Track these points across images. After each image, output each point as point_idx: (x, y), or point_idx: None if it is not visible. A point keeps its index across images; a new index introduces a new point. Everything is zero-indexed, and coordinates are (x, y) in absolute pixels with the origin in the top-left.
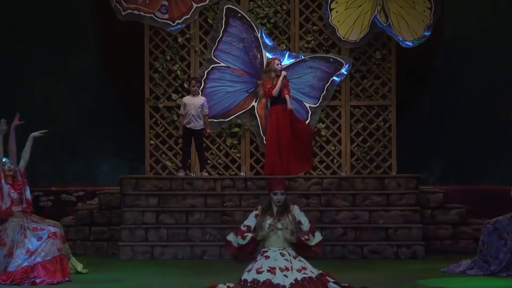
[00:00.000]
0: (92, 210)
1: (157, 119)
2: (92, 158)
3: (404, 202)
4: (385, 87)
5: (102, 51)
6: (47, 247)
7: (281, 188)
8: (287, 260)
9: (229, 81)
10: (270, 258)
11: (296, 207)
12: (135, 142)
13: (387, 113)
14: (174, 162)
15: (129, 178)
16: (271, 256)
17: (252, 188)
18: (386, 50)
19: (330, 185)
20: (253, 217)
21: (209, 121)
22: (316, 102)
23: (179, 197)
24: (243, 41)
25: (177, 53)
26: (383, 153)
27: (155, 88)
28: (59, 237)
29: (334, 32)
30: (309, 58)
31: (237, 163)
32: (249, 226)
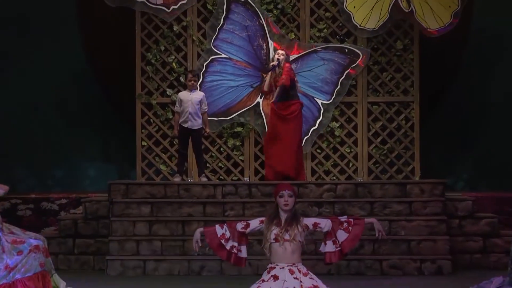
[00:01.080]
0: (77, 220)
1: (150, 118)
2: (76, 161)
3: (429, 211)
4: (407, 81)
5: (87, 41)
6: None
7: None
8: (297, 279)
9: (231, 74)
10: (279, 280)
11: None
12: (125, 143)
13: (409, 110)
14: (169, 166)
15: (119, 184)
16: (280, 277)
17: (257, 195)
18: (408, 39)
19: (345, 192)
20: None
21: (208, 119)
22: (329, 98)
23: (175, 205)
24: (247, 29)
25: (173, 43)
26: (405, 156)
27: (147, 82)
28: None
29: (349, 19)
30: (321, 49)
31: (240, 167)
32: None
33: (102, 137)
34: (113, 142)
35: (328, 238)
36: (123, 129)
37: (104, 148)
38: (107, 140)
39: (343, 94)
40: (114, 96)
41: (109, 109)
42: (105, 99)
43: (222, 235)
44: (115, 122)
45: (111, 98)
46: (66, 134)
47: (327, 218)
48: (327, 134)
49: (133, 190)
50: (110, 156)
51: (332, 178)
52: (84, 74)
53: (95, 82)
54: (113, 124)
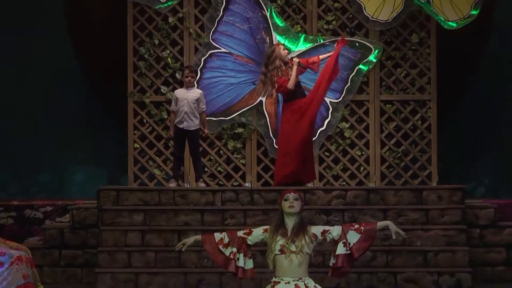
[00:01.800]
0: (63, 229)
1: (143, 118)
2: (63, 165)
3: (447, 219)
4: (423, 77)
5: (74, 33)
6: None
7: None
8: None
9: (231, 70)
10: None
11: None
12: (115, 145)
13: (425, 109)
14: (164, 171)
15: (109, 190)
16: None
17: (259, 202)
18: (424, 32)
19: (356, 199)
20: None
21: (206, 119)
22: (339, 97)
23: (170, 213)
24: (249, 21)
25: (168, 36)
26: (421, 159)
27: (140, 79)
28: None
29: (360, 10)
30: (330, 43)
31: (241, 171)
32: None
33: (91, 139)
34: (102, 145)
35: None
36: (113, 130)
37: (93, 151)
38: (96, 142)
39: (354, 92)
40: (103, 95)
41: (98, 108)
42: (94, 98)
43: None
44: (104, 123)
45: (100, 97)
46: (52, 136)
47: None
48: (336, 136)
49: (124, 197)
50: (100, 159)
51: (342, 184)
52: (71, 71)
53: (82, 79)
54: (103, 125)
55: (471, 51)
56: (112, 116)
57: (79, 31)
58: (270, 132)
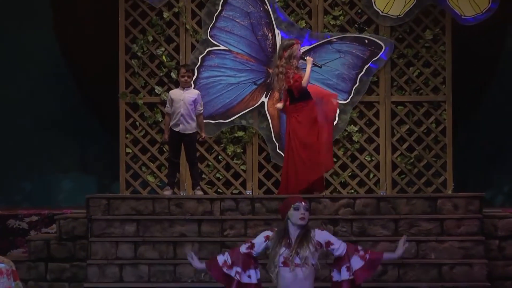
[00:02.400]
0: (49, 241)
1: (136, 120)
2: (48, 172)
3: (463, 230)
4: (438, 77)
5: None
6: None
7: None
8: None
9: (231, 69)
10: None
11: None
12: (105, 150)
13: (440, 111)
14: (158, 177)
15: (98, 198)
16: None
17: (261, 212)
18: (439, 28)
19: (365, 208)
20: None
21: (204, 122)
22: (347, 98)
23: (165, 223)
24: (250, 16)
25: (162, 33)
26: (435, 165)
27: (132, 79)
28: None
29: (369, 5)
30: (337, 39)
31: (242, 178)
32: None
33: (79, 143)
34: (91, 149)
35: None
36: (103, 134)
37: (82, 156)
38: (84, 147)
39: (363, 92)
40: (92, 95)
41: (87, 110)
42: (82, 99)
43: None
44: (94, 126)
45: (89, 98)
46: (37, 140)
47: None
48: (344, 140)
49: (115, 206)
50: (89, 165)
51: (350, 191)
52: (58, 69)
53: (69, 79)
54: (92, 128)
55: (490, 48)
56: (102, 119)
57: (66, 26)
58: (272, 135)
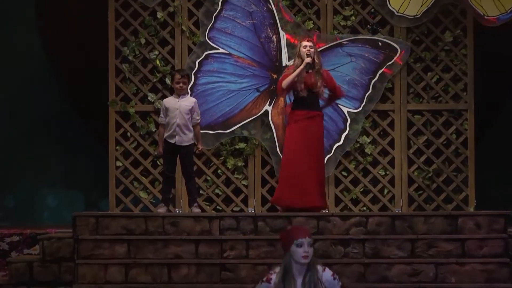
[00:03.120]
0: (32, 263)
1: (127, 131)
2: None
3: (487, 251)
4: (459, 83)
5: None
6: None
7: (309, 236)
8: None
9: (231, 74)
10: None
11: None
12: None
13: (461, 121)
14: (151, 193)
15: (86, 217)
16: None
17: (264, 231)
18: (459, 30)
19: (379, 227)
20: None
21: (202, 133)
22: (358, 106)
23: (159, 243)
24: (252, 16)
25: (156, 35)
26: (456, 180)
27: (123, 85)
28: None
29: (384, 4)
30: (348, 42)
31: (243, 194)
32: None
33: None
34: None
35: None
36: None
37: (67, 170)
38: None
39: (376, 100)
40: (80, 103)
41: (73, 119)
42: (68, 107)
43: None
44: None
45: (76, 106)
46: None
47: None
48: (356, 152)
49: (104, 224)
50: (75, 180)
51: (362, 209)
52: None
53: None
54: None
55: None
56: (90, 129)
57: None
58: (277, 147)
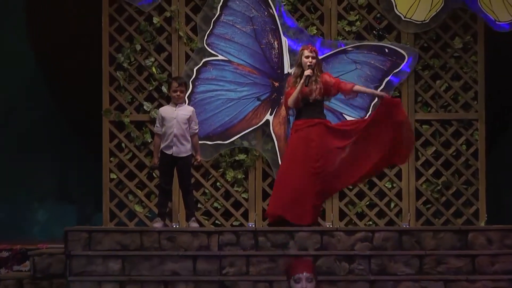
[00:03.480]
0: (22, 280)
1: (121, 141)
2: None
3: (498, 268)
4: (469, 92)
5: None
6: None
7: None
8: None
9: (230, 82)
10: None
11: None
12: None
13: (471, 131)
14: (147, 207)
15: (78, 231)
16: None
17: (265, 246)
18: (469, 36)
19: (385, 242)
20: None
21: (200, 143)
22: (364, 115)
23: (155, 260)
24: (252, 22)
25: (152, 41)
26: (466, 194)
27: (118, 93)
28: None
29: (390, 8)
30: (353, 48)
31: (243, 208)
32: None
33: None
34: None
35: None
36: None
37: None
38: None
39: None
40: (72, 112)
41: (65, 129)
42: (60, 116)
43: None
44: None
45: (68, 115)
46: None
47: None
48: None
49: (98, 240)
50: (67, 193)
51: (368, 223)
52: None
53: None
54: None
55: None
56: (83, 140)
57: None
58: (278, 159)
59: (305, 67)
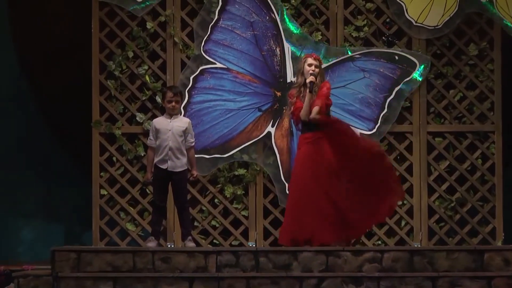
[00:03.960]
0: None
1: (112, 155)
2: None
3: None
4: (485, 102)
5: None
6: None
7: None
8: None
9: (229, 92)
10: None
11: None
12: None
13: (487, 144)
14: (140, 225)
15: (66, 251)
16: None
17: (267, 268)
18: (485, 42)
19: (395, 263)
20: None
21: (196, 157)
22: (372, 127)
23: (148, 282)
24: (253, 27)
25: (145, 47)
26: (482, 211)
27: (109, 103)
28: None
29: (401, 13)
30: (361, 55)
31: (243, 226)
32: None
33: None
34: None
35: None
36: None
37: (46, 199)
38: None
39: (392, 121)
40: (59, 124)
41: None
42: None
43: None
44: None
45: (55, 127)
46: None
47: None
48: None
49: (87, 260)
50: (54, 211)
51: (377, 243)
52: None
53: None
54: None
55: None
56: (71, 153)
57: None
58: (281, 174)
59: (307, 75)
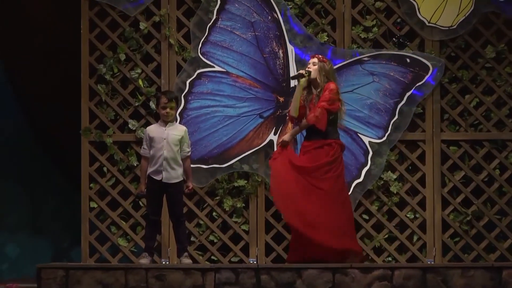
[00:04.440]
0: None
1: (103, 165)
2: None
3: None
4: (503, 108)
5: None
6: None
7: None
8: None
9: (229, 97)
10: None
11: None
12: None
13: (506, 153)
14: (133, 241)
15: (54, 269)
16: None
17: (269, 286)
18: (503, 44)
19: (407, 281)
20: None
21: (193, 167)
22: (382, 135)
23: None
24: (254, 27)
25: (138, 49)
26: (500, 225)
27: (99, 110)
28: None
29: (413, 12)
30: (369, 58)
31: (243, 241)
32: None
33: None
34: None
35: None
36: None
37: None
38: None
39: (404, 128)
40: (46, 133)
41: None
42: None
43: None
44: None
45: (41, 134)
46: None
47: None
48: (379, 191)
49: (76, 278)
50: (40, 225)
51: (387, 259)
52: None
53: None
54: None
55: None
56: (58, 163)
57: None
58: None
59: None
